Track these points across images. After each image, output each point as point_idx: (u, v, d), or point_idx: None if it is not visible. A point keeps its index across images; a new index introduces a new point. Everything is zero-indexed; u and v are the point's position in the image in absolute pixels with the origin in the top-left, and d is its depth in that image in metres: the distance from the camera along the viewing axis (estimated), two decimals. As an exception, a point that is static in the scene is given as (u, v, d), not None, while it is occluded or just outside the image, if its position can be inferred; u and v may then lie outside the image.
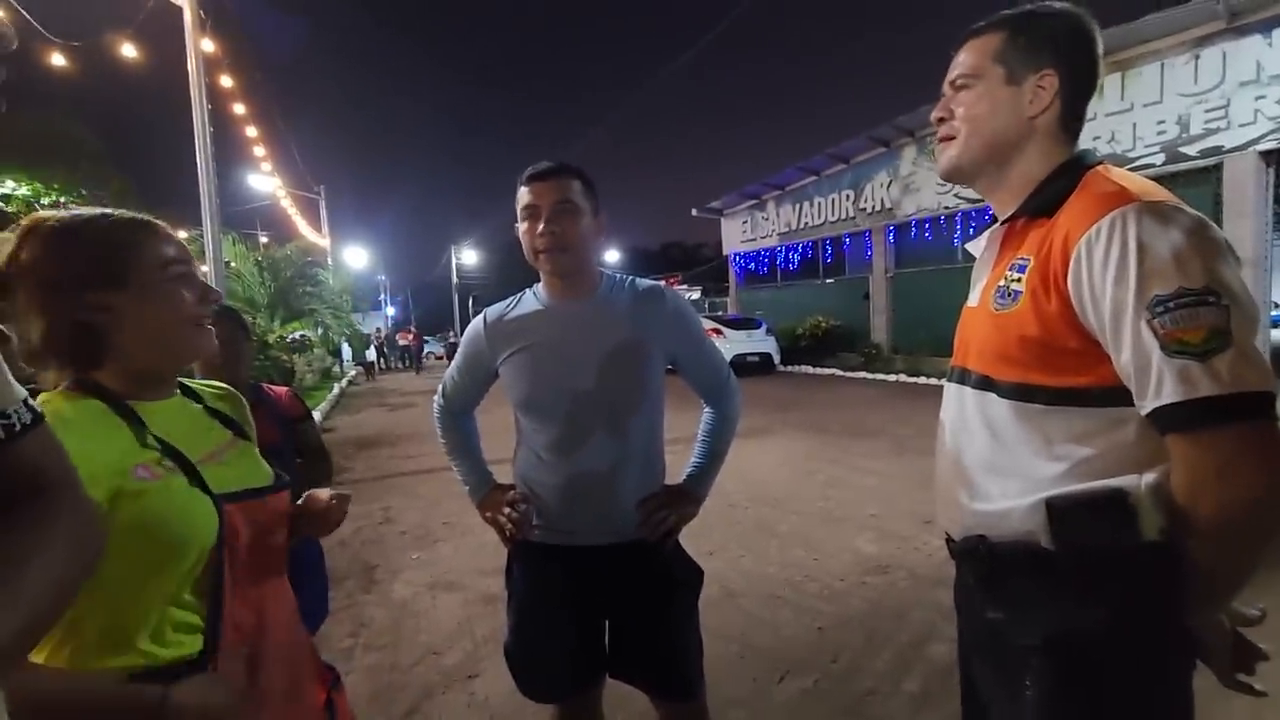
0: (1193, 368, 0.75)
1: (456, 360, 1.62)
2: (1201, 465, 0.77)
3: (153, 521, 0.76)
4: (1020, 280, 0.92)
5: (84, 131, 12.55)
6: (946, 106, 1.03)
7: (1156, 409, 0.79)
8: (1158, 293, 0.77)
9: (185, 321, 0.87)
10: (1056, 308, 0.87)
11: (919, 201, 13.92)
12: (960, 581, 1.10)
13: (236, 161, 15.42)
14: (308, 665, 0.99)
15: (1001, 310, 0.94)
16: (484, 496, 1.58)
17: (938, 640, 2.67)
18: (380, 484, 5.97)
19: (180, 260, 0.88)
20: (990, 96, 0.98)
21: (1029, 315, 0.89)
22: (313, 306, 14.33)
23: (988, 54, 0.98)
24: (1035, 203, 0.96)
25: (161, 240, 0.88)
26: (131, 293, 0.82)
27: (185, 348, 0.89)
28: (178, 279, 0.87)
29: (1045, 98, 0.95)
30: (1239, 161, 9.17)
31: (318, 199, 22.71)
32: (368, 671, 2.66)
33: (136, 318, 0.83)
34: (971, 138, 1.00)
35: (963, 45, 1.03)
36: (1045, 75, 0.95)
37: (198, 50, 7.60)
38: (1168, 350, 0.76)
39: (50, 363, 0.82)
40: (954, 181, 1.07)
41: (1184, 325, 0.76)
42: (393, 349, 27.81)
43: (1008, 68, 0.97)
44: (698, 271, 35.05)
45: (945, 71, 1.05)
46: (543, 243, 1.38)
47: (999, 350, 0.94)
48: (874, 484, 5.15)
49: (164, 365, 0.90)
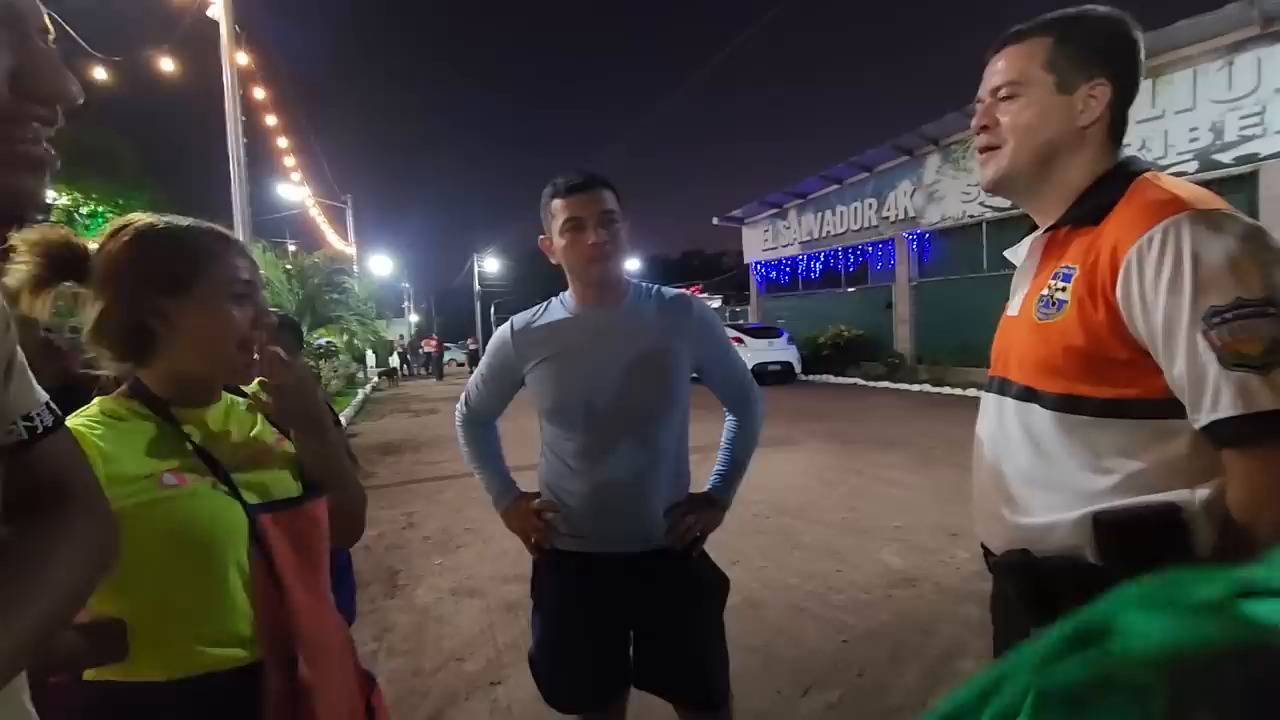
0: (1252, 380, 0.73)
1: (481, 368, 1.63)
2: (1261, 482, 0.75)
3: (180, 526, 0.78)
4: (1065, 290, 0.90)
5: (122, 143, 12.93)
6: (991, 115, 0.99)
7: (1213, 422, 0.76)
8: (1214, 304, 0.75)
9: (232, 341, 0.88)
10: (1104, 318, 0.84)
11: (943, 210, 13.78)
12: (998, 595, 1.08)
13: (267, 171, 15.77)
14: (351, 669, 1.00)
15: (1046, 320, 0.92)
16: (509, 505, 1.59)
17: (966, 656, 2.61)
18: (404, 489, 6.02)
19: (246, 280, 0.90)
20: (1040, 105, 0.94)
21: (1075, 325, 0.87)
22: (339, 314, 14.56)
23: (1035, 60, 0.94)
24: (1080, 211, 0.93)
25: (233, 257, 0.90)
26: (189, 303, 0.84)
27: (226, 367, 0.90)
28: (237, 298, 0.88)
29: (1097, 107, 0.92)
30: (1276, 169, 8.97)
31: (344, 208, 23.11)
32: (391, 677, 2.67)
33: (188, 328, 0.85)
34: (1021, 148, 0.96)
35: (1002, 49, 0.99)
36: (1098, 84, 0.92)
37: (233, 63, 7.81)
38: (1225, 362, 0.74)
39: (105, 352, 0.85)
40: (997, 193, 1.04)
41: (1243, 336, 0.74)
42: (416, 356, 28.14)
43: (1058, 75, 0.93)
44: (719, 280, 35.03)
45: (980, 76, 1.01)
46: (595, 252, 1.39)
47: (1043, 361, 0.92)
48: (898, 495, 5.07)
49: (206, 377, 0.91)
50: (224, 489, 0.83)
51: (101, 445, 0.76)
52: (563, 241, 1.43)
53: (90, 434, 0.77)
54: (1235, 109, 9.25)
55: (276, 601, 0.83)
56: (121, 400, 0.86)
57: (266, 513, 0.86)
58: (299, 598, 0.86)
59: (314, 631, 0.87)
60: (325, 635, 0.91)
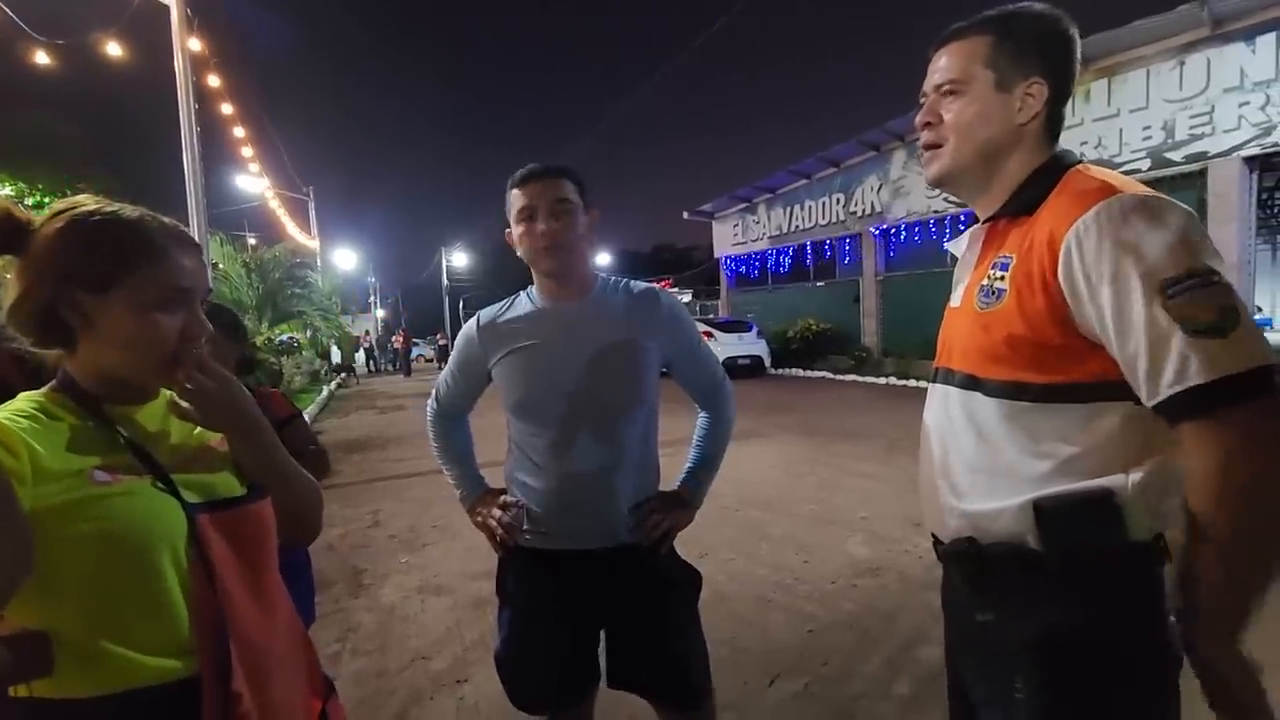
0: (1213, 345, 0.75)
1: (450, 364, 1.61)
2: (1234, 443, 0.76)
3: (112, 526, 0.73)
4: (1004, 278, 0.92)
5: (70, 131, 12.44)
6: (935, 111, 1.01)
7: (1178, 394, 0.77)
8: (1167, 276, 0.77)
9: (152, 351, 0.82)
10: (1043, 304, 0.86)
11: (909, 205, 14.01)
12: (948, 583, 1.09)
13: (224, 162, 15.30)
14: (305, 676, 0.96)
15: (986, 309, 0.94)
16: (474, 501, 1.57)
17: (928, 643, 2.66)
18: (369, 487, 5.92)
19: (184, 288, 0.84)
20: (980, 103, 0.96)
21: (1014, 313, 0.89)
22: (301, 309, 14.25)
23: (976, 58, 0.96)
24: (1016, 203, 0.96)
25: (177, 259, 0.83)
26: (108, 304, 0.79)
27: (144, 375, 0.84)
28: (167, 305, 0.82)
29: (1034, 105, 0.95)
30: (1223, 167, 9.30)
31: (306, 200, 22.59)
32: (355, 677, 2.63)
33: (105, 328, 0.80)
34: (962, 145, 0.98)
35: (943, 46, 1.00)
36: (1034, 83, 0.94)
37: (185, 49, 7.53)
38: (1188, 329, 0.76)
39: (20, 335, 0.81)
40: (941, 188, 1.07)
41: (1199, 305, 0.76)
42: (384, 352, 27.68)
43: (998, 73, 0.95)
44: (689, 274, 35.11)
45: (925, 74, 1.03)
46: (542, 241, 1.37)
47: (985, 349, 0.94)
48: (865, 486, 5.16)
49: (127, 379, 0.85)
50: (162, 488, 0.79)
51: (26, 440, 0.72)
52: (516, 232, 1.41)
53: (14, 426, 0.72)
54: (1186, 108, 9.56)
55: (215, 608, 0.79)
56: (49, 394, 0.81)
57: (206, 513, 0.81)
58: (239, 602, 0.82)
59: (256, 639, 0.83)
60: (270, 642, 0.86)
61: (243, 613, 0.82)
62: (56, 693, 0.73)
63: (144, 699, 0.75)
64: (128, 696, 0.74)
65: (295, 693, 0.91)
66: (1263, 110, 8.81)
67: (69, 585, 0.71)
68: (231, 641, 0.79)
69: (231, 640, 0.79)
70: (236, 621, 0.80)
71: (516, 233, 1.42)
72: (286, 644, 0.91)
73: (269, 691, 0.83)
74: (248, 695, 0.79)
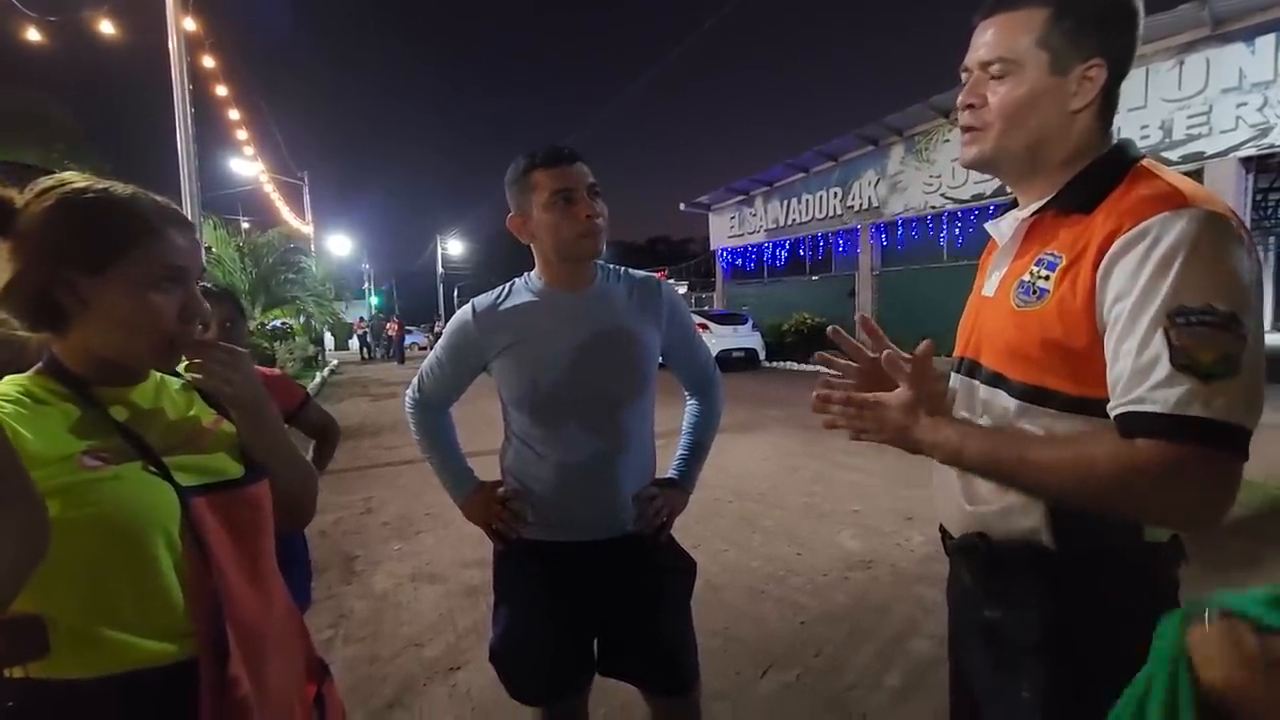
0: (1192, 385, 0.71)
1: (438, 353, 1.53)
2: (1158, 469, 0.72)
3: (104, 511, 0.72)
4: (1049, 279, 0.85)
5: (61, 111, 12.26)
6: (979, 92, 0.91)
7: (1137, 412, 0.74)
8: (1184, 303, 0.73)
9: (149, 331, 0.80)
10: (1081, 305, 0.81)
11: (906, 200, 14.00)
12: (954, 578, 1.08)
13: (218, 144, 15.13)
14: (300, 659, 0.96)
15: (1024, 308, 0.88)
16: (469, 495, 1.52)
17: (919, 636, 2.68)
18: (362, 474, 5.90)
19: (179, 266, 0.82)
20: (1030, 87, 0.87)
21: (1054, 317, 0.83)
22: (295, 294, 14.17)
23: (1029, 35, 0.86)
24: (1072, 198, 0.88)
25: (172, 238, 0.81)
26: (104, 285, 0.77)
27: (139, 358, 0.84)
28: (164, 284, 0.81)
29: (1092, 90, 0.86)
30: (1220, 167, 9.31)
31: (301, 185, 22.39)
32: (348, 663, 2.63)
33: (101, 309, 0.78)
34: (1009, 131, 0.90)
35: (991, 16, 0.90)
36: (1093, 65, 0.85)
37: (179, 29, 7.43)
38: (1175, 361, 0.72)
39: (13, 318, 0.79)
40: (976, 170, 0.98)
41: (1200, 342, 0.71)
42: (378, 339, 27.56)
43: (1052, 54, 0.85)
44: (685, 266, 35.05)
45: (965, 46, 0.93)
46: (589, 225, 1.33)
47: (1016, 348, 0.89)
48: (857, 480, 5.17)
49: (122, 362, 0.84)
50: (154, 471, 0.78)
51: (12, 424, 0.70)
52: (548, 216, 1.33)
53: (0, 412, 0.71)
54: (1184, 108, 9.57)
55: (210, 591, 0.78)
56: (36, 378, 0.80)
57: (200, 495, 0.80)
58: (235, 585, 0.81)
59: (253, 621, 0.82)
60: (267, 624, 0.86)
61: (239, 596, 0.81)
62: (51, 674, 0.72)
63: (141, 681, 0.74)
64: (125, 678, 0.73)
65: (291, 676, 0.91)
66: (1260, 111, 8.83)
67: (62, 571, 0.69)
68: (228, 624, 0.78)
69: (228, 623, 0.78)
70: (233, 604, 0.80)
71: (545, 218, 1.34)
72: (282, 627, 0.91)
73: (265, 674, 0.83)
74: (245, 678, 0.78)
